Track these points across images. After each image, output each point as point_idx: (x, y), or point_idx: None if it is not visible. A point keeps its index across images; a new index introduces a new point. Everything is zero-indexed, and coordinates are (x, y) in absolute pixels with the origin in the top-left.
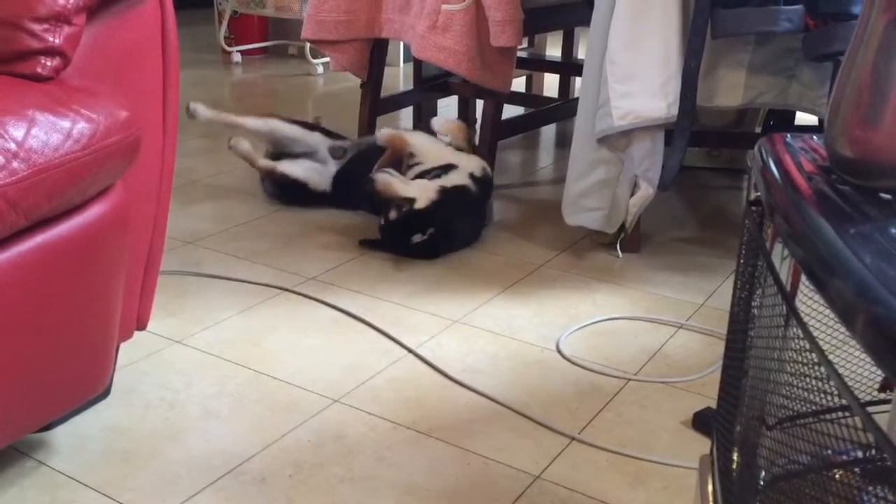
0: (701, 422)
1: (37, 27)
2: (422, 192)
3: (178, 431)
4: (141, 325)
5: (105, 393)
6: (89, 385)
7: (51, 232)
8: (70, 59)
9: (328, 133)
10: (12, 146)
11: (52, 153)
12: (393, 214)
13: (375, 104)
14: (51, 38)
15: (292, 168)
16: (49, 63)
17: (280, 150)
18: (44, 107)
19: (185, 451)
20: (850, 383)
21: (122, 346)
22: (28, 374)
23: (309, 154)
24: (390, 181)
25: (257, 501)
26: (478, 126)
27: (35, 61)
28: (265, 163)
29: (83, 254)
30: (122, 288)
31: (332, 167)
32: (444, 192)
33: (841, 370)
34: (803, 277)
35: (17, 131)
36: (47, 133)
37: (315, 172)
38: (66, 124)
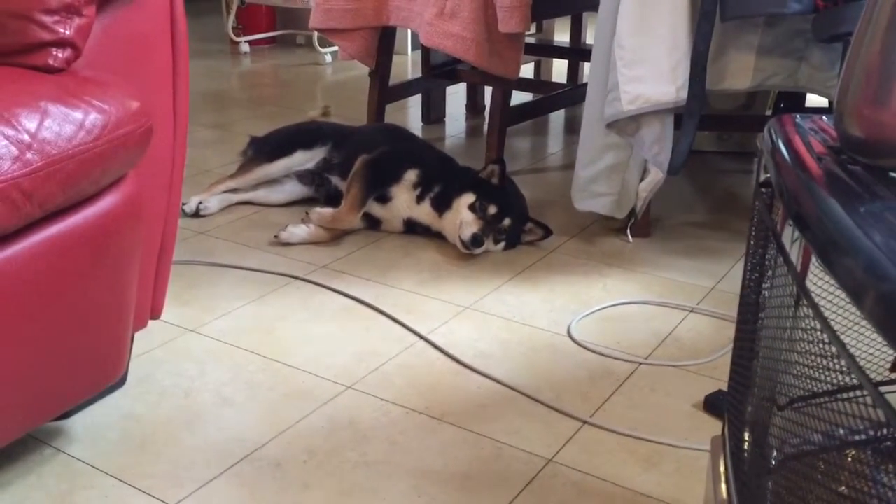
0: (712, 404)
1: (48, 19)
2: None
3: (194, 418)
4: (155, 315)
5: (121, 382)
6: (105, 374)
7: (65, 222)
8: (81, 50)
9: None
10: (26, 138)
11: (65, 144)
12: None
13: (384, 92)
14: (62, 30)
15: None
16: (60, 55)
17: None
18: (56, 98)
19: (200, 438)
20: (861, 364)
21: (137, 335)
22: (44, 363)
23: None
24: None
25: (272, 487)
26: (486, 113)
27: (46, 53)
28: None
29: (97, 244)
30: (136, 277)
31: (290, 184)
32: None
33: (852, 351)
34: (813, 258)
35: (31, 123)
36: (60, 124)
37: (270, 192)
38: (78, 115)
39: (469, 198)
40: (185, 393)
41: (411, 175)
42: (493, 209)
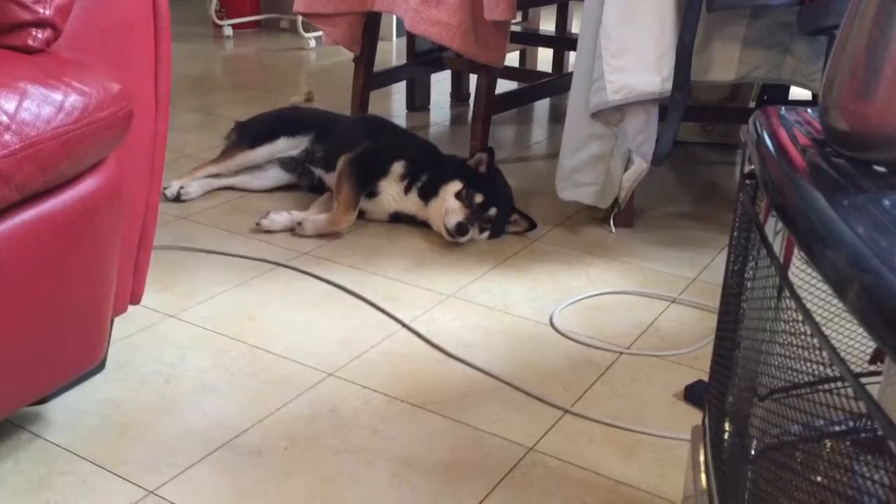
0: (692, 394)
1: None
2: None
3: (174, 405)
4: (135, 300)
5: (100, 367)
6: (84, 359)
7: (44, 206)
8: (61, 30)
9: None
10: (4, 119)
11: (44, 126)
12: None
13: (368, 79)
14: (41, 10)
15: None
16: (40, 35)
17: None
18: (35, 79)
19: (180, 424)
20: (842, 355)
21: (117, 320)
22: (22, 347)
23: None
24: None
25: (253, 474)
26: (471, 101)
27: (26, 33)
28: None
29: (76, 228)
30: (116, 262)
31: (272, 171)
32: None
33: (833, 342)
34: (796, 250)
35: (9, 104)
36: (39, 106)
37: (252, 177)
38: (57, 97)
39: (456, 186)
40: (164, 379)
41: (398, 167)
42: (479, 198)
